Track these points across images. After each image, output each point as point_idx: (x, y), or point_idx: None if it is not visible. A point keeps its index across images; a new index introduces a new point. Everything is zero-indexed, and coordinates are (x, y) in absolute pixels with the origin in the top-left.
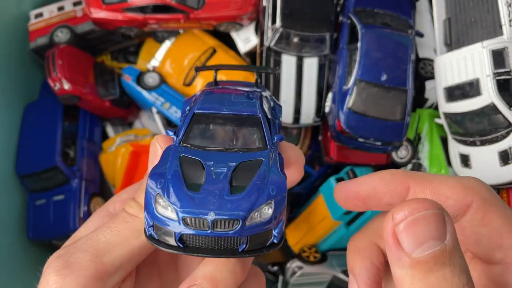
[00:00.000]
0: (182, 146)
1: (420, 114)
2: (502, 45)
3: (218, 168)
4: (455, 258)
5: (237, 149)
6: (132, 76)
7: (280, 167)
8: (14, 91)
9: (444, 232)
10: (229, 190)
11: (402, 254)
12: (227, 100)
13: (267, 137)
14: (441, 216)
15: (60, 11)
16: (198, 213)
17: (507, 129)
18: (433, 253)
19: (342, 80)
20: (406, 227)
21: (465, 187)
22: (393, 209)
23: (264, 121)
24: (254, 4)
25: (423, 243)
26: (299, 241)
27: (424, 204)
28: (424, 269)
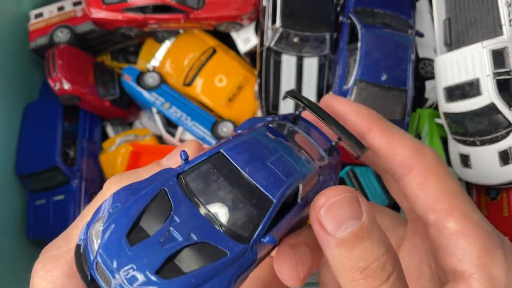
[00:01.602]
0: (176, 179)
1: (420, 114)
2: (502, 45)
3: (176, 232)
4: (373, 232)
5: (219, 223)
6: (132, 76)
7: (235, 278)
8: (14, 91)
9: (360, 211)
10: (158, 268)
11: (328, 237)
12: (265, 157)
13: (258, 231)
14: (354, 198)
15: (60, 11)
16: (109, 269)
17: (507, 129)
18: (353, 231)
19: (342, 80)
20: (326, 212)
21: (415, 150)
22: (313, 200)
23: (274, 210)
24: (254, 4)
25: (343, 224)
26: None
27: (337, 190)
28: (348, 247)
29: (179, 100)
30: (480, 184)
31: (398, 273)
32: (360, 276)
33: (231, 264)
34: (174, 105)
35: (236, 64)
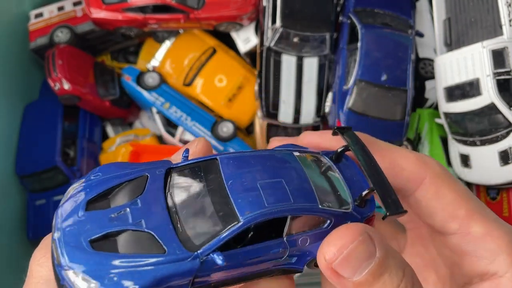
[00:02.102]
0: (166, 172)
1: (420, 114)
2: (502, 45)
3: (130, 214)
4: (389, 264)
5: (179, 223)
6: (132, 76)
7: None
8: (14, 91)
9: (374, 249)
10: (93, 238)
11: (344, 281)
12: (259, 177)
13: (210, 245)
14: (367, 238)
15: (60, 11)
16: (57, 222)
17: (507, 129)
18: (369, 271)
19: (342, 80)
20: (340, 264)
21: (420, 161)
22: (321, 248)
23: (237, 230)
24: (254, 4)
25: (358, 268)
26: None
27: (349, 237)
28: (366, 286)
29: (179, 100)
30: (480, 184)
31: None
32: None
33: (163, 263)
34: (174, 105)
35: (236, 64)
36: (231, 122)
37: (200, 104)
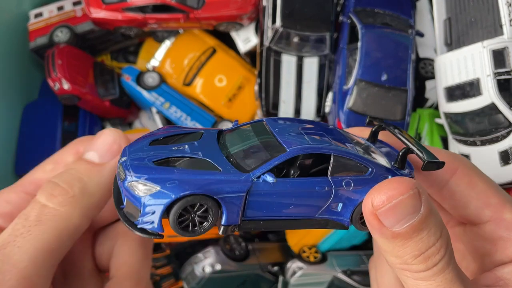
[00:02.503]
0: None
1: (420, 114)
2: (503, 45)
3: (188, 148)
4: (430, 221)
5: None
6: (132, 76)
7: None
8: (14, 91)
9: (419, 205)
10: (156, 160)
11: (384, 229)
12: (304, 130)
13: (261, 167)
14: (416, 194)
15: (60, 11)
16: (124, 153)
17: (508, 129)
18: (411, 224)
19: (342, 80)
20: (385, 212)
21: (451, 155)
22: (370, 194)
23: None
24: (254, 4)
25: (402, 219)
26: (299, 241)
27: (399, 189)
28: (404, 238)
29: (179, 100)
30: None
31: (449, 254)
32: (414, 261)
33: (220, 178)
34: (174, 105)
35: (236, 64)
36: (231, 122)
37: (200, 104)
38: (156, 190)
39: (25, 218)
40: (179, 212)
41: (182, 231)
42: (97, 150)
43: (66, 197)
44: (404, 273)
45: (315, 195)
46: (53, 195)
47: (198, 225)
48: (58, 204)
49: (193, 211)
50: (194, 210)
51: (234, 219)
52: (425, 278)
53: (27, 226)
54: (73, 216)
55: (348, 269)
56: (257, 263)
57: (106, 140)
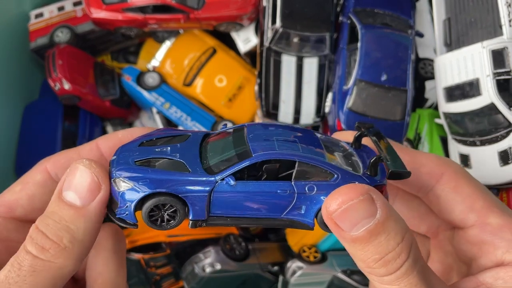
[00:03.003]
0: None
1: (420, 114)
2: (502, 45)
3: (169, 150)
4: (389, 225)
5: (206, 160)
6: (132, 76)
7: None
8: (14, 91)
9: (374, 209)
10: (139, 160)
11: (342, 233)
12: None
13: (225, 171)
14: (368, 199)
15: (60, 11)
16: (115, 153)
17: (507, 129)
18: (367, 229)
19: (342, 80)
20: (339, 216)
21: (439, 159)
22: (325, 200)
23: (248, 162)
24: (254, 4)
25: (357, 223)
26: (299, 241)
27: (351, 194)
28: (363, 242)
29: (179, 100)
30: None
31: (413, 258)
32: (375, 265)
33: (186, 181)
34: (174, 105)
35: (236, 64)
36: (231, 122)
37: (200, 104)
38: (130, 187)
39: (18, 267)
40: (151, 208)
41: (151, 223)
42: (76, 192)
43: (58, 250)
44: (371, 277)
45: (277, 198)
46: (44, 249)
47: (166, 222)
48: (51, 257)
49: (163, 209)
50: (164, 209)
51: (200, 215)
52: (389, 282)
53: (22, 275)
54: (67, 266)
55: (348, 269)
56: (257, 263)
57: (83, 179)
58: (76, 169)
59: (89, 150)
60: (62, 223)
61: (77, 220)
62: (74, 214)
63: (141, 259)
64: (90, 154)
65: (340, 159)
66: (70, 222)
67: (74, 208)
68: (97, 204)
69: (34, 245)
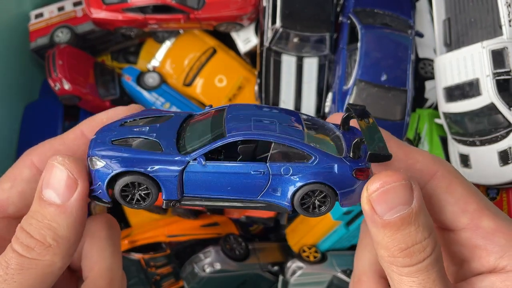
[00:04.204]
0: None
1: (420, 114)
2: (502, 45)
3: (147, 130)
4: (419, 218)
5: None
6: (132, 76)
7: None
8: (14, 91)
9: (411, 198)
10: (115, 139)
11: (375, 216)
12: (255, 116)
13: (197, 151)
14: (408, 185)
15: (60, 11)
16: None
17: (507, 129)
18: (401, 215)
19: (342, 80)
20: (378, 196)
21: (433, 158)
22: (367, 182)
23: (221, 142)
24: (254, 4)
25: (393, 208)
26: (299, 241)
27: (393, 177)
28: (393, 228)
29: (179, 100)
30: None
31: (436, 255)
32: (399, 254)
33: (156, 160)
34: (174, 105)
35: (236, 64)
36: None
37: (200, 104)
38: (103, 165)
39: (6, 266)
40: (121, 187)
41: (124, 201)
42: (54, 190)
43: (43, 248)
44: (391, 267)
45: (251, 179)
46: (30, 248)
47: (137, 201)
48: (37, 255)
49: (137, 188)
50: (139, 188)
51: (172, 195)
52: (409, 274)
53: (10, 274)
54: (55, 262)
55: (348, 269)
56: (257, 262)
57: (59, 177)
58: (52, 167)
59: (74, 139)
60: (44, 222)
61: (58, 218)
62: (54, 211)
63: (141, 259)
64: (75, 142)
65: (323, 142)
66: (52, 220)
67: (54, 206)
68: (76, 199)
69: (19, 244)
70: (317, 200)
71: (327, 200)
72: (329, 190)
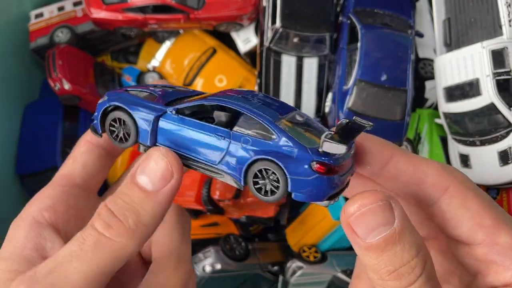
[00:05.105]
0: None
1: (420, 114)
2: (502, 45)
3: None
4: (404, 237)
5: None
6: (132, 76)
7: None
8: (14, 91)
9: (392, 217)
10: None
11: (358, 239)
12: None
13: (173, 106)
14: (387, 205)
15: (60, 11)
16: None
17: (507, 129)
18: (384, 236)
19: (342, 80)
20: (356, 220)
21: (444, 169)
22: (345, 204)
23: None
24: (254, 4)
25: (374, 230)
26: (299, 241)
27: (369, 198)
28: (377, 250)
29: None
30: (480, 184)
31: (427, 275)
32: (388, 277)
33: (142, 104)
34: None
35: (236, 64)
36: None
37: None
38: (105, 99)
39: (82, 242)
40: (110, 121)
41: (110, 136)
42: (149, 177)
43: (122, 229)
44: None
45: (213, 142)
46: (109, 226)
47: (121, 139)
48: (115, 235)
49: (122, 126)
50: (123, 126)
51: (145, 140)
52: None
53: (85, 250)
54: (128, 247)
55: (348, 269)
56: (257, 262)
57: (159, 166)
58: (153, 156)
59: None
60: (131, 205)
61: (145, 204)
62: (144, 197)
63: None
64: None
65: (303, 135)
66: (139, 205)
67: (145, 192)
68: (167, 191)
69: (100, 222)
70: (271, 183)
71: (279, 186)
72: (280, 171)
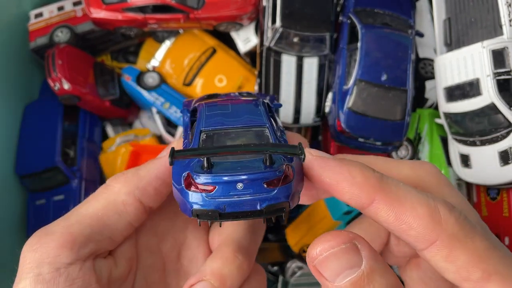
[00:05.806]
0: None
1: (420, 114)
2: (502, 45)
3: None
4: (374, 279)
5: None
6: (132, 76)
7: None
8: (14, 91)
9: (359, 259)
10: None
11: (326, 282)
12: (232, 110)
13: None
14: (351, 247)
15: (60, 11)
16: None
17: (507, 129)
18: (351, 280)
19: (342, 80)
20: (320, 263)
21: (432, 219)
22: (309, 247)
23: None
24: (254, 4)
25: (340, 274)
26: (299, 241)
27: (332, 242)
28: None
29: (179, 100)
30: (480, 184)
31: None
32: None
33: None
34: (174, 105)
35: (236, 64)
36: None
37: None
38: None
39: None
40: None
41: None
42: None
43: (121, 178)
44: None
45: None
46: (114, 178)
47: None
48: (113, 181)
49: None
50: None
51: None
52: None
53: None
54: (121, 192)
55: None
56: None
57: None
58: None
59: None
60: (144, 166)
61: (147, 163)
62: (148, 160)
63: None
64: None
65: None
66: (142, 165)
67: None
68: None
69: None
70: None
71: None
72: None
